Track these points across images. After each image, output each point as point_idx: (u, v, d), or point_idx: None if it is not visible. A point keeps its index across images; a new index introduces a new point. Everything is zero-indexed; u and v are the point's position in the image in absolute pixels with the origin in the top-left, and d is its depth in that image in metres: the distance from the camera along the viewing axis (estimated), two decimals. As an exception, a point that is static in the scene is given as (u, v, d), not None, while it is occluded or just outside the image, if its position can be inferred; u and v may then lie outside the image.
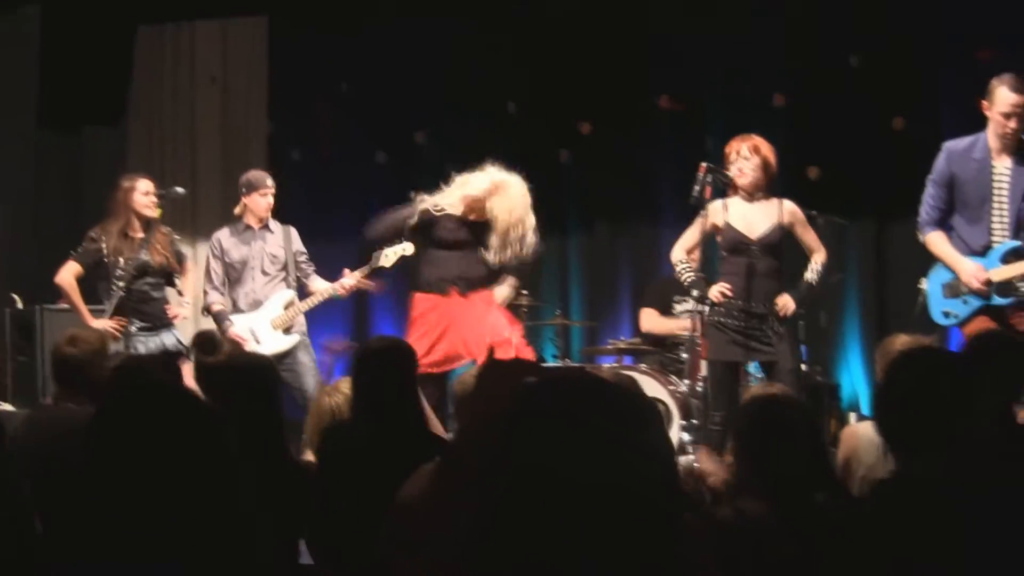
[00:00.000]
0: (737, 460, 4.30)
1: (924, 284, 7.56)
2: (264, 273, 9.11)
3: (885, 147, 10.55)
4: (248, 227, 9.17)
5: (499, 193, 8.85)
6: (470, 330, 8.57)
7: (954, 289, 7.32)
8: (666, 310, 10.39)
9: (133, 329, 8.53)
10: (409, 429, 5.01)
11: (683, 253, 8.05)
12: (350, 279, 9.06)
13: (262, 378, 5.16)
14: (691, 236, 8.03)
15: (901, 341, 5.83)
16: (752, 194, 7.81)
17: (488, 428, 2.37)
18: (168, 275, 8.93)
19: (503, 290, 8.93)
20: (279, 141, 12.05)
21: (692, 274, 7.96)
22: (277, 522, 4.29)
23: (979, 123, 7.38)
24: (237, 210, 9.25)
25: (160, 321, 8.75)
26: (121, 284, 8.48)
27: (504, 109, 11.70)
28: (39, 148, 11.35)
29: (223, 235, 9.24)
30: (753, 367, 8.31)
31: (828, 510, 3.98)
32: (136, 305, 8.62)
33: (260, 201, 9.12)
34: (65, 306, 9.47)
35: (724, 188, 7.99)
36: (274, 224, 9.24)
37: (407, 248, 9.04)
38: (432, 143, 11.73)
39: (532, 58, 11.57)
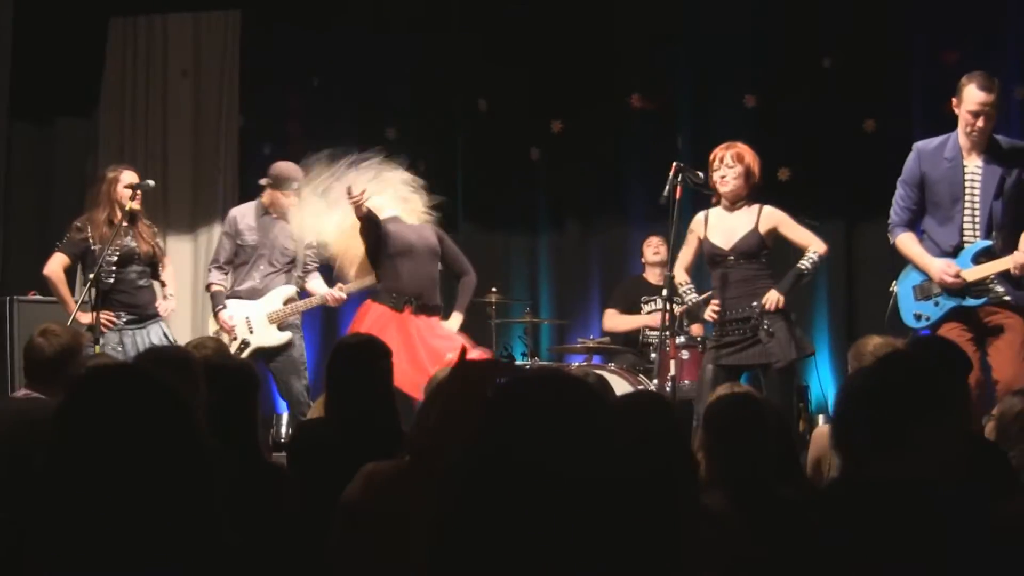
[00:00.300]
0: (706, 455, 4.32)
1: (895, 287, 7.45)
2: (271, 264, 9.05)
3: (855, 148, 10.60)
4: (267, 213, 9.11)
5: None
6: (422, 352, 8.40)
7: (925, 291, 7.21)
8: (632, 310, 10.44)
9: (120, 322, 8.44)
10: (382, 426, 4.99)
11: (684, 274, 7.93)
12: (341, 292, 9.07)
13: (241, 381, 5.06)
14: (686, 253, 7.95)
15: (874, 343, 5.84)
16: (733, 203, 7.74)
17: (460, 427, 2.38)
18: (154, 266, 8.81)
19: (454, 323, 8.82)
20: (250, 135, 12.01)
21: (693, 296, 7.90)
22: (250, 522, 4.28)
23: (950, 125, 7.37)
24: (265, 198, 9.16)
25: (146, 312, 8.61)
26: (109, 271, 8.38)
27: (475, 106, 11.71)
28: (10, 138, 11.28)
29: (241, 214, 9.19)
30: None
31: (793, 506, 4.00)
32: (122, 296, 8.48)
33: (282, 200, 9.03)
34: (36, 297, 9.44)
35: (695, 188, 7.98)
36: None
37: None
38: (403, 139, 11.71)
39: (504, 56, 11.57)
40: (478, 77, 11.69)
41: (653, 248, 10.51)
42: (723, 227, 7.72)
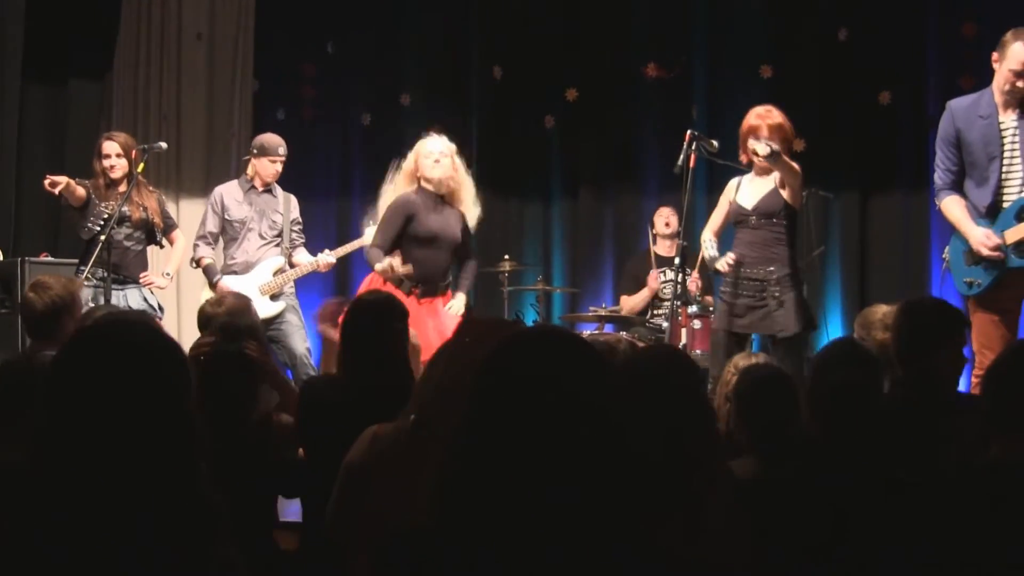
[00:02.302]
0: (736, 421, 4.36)
1: (947, 254, 7.10)
2: (260, 236, 9.11)
3: (870, 120, 10.55)
4: (252, 187, 9.17)
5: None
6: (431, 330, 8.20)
7: (974, 256, 6.84)
8: (641, 287, 10.40)
9: (95, 280, 8.34)
10: (397, 385, 4.93)
11: (710, 233, 7.84)
12: (330, 257, 9.13)
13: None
14: (716, 217, 7.89)
15: (882, 311, 5.82)
16: (766, 169, 7.59)
17: (463, 388, 2.36)
18: (150, 231, 8.80)
19: (458, 304, 8.49)
20: (264, 100, 12.01)
21: (714, 251, 7.77)
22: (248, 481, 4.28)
23: (963, 97, 7.27)
24: (249, 171, 9.22)
25: (126, 274, 8.59)
26: (98, 226, 8.40)
27: (491, 74, 11.68)
28: (23, 100, 11.26)
29: (226, 191, 9.23)
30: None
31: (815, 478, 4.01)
32: (104, 254, 8.27)
33: (268, 167, 9.11)
34: (48, 259, 9.46)
35: (709, 157, 7.94)
36: (277, 190, 9.25)
37: None
38: (418, 106, 11.70)
39: (519, 22, 11.55)
40: (493, 44, 11.66)
41: (664, 219, 10.48)
42: (751, 190, 7.64)
